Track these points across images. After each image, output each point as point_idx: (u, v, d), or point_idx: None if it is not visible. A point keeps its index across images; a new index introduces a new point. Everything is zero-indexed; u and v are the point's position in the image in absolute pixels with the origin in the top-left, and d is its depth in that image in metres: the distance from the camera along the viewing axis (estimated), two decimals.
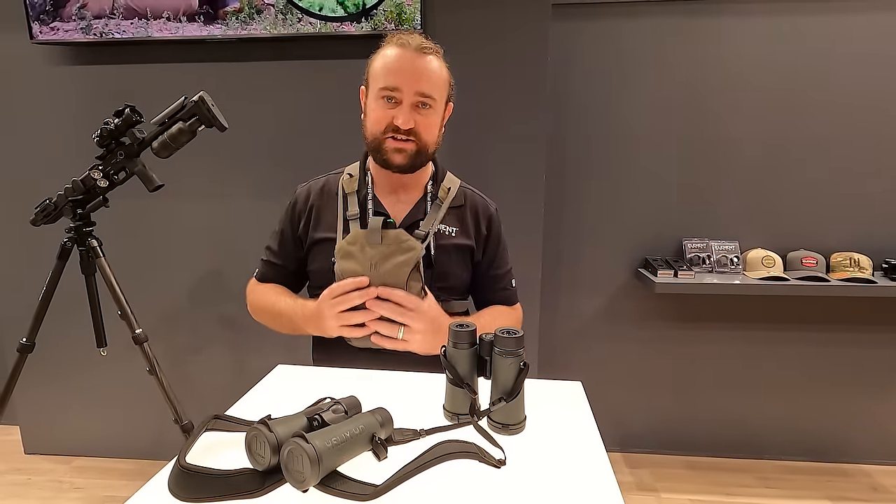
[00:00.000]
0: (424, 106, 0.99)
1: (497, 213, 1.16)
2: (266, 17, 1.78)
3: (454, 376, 0.72)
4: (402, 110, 0.98)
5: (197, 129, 1.35)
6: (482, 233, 1.11)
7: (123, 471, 2.14)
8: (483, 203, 1.15)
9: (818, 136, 1.97)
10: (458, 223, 1.09)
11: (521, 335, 0.70)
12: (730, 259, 2.01)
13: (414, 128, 0.99)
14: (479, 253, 1.11)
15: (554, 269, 2.11)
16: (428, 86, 0.99)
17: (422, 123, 1.00)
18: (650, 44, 1.98)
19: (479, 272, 1.14)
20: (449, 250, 1.07)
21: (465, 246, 1.09)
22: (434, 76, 1.00)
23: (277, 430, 0.60)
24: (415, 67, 0.98)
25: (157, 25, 1.82)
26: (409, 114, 0.98)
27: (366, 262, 0.95)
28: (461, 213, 1.10)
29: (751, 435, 2.16)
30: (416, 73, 0.98)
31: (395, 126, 0.98)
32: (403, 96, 0.98)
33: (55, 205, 1.46)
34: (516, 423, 0.71)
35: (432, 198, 1.09)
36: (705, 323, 2.12)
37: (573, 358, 2.18)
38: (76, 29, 1.83)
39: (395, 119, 0.98)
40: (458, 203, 1.10)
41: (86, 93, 1.95)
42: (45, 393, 2.18)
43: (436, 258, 1.05)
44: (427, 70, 0.99)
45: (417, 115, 0.99)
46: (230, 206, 1.99)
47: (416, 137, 1.00)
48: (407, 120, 0.98)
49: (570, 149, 2.06)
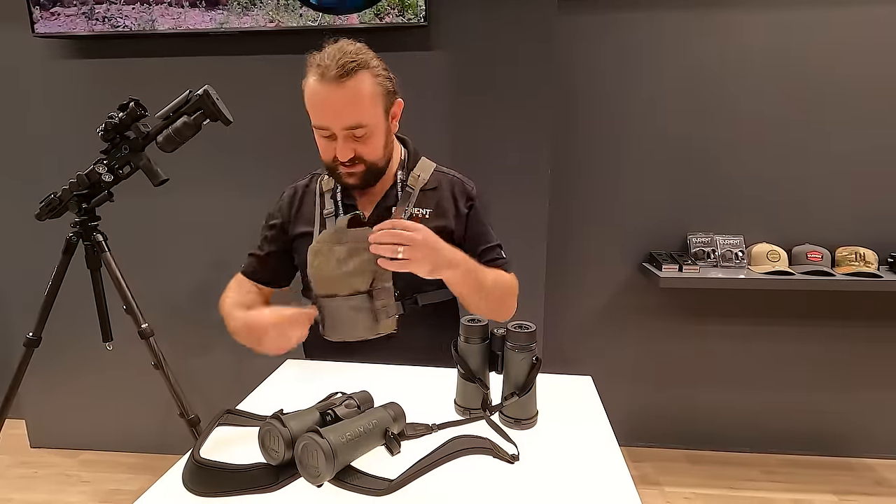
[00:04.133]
0: (360, 134, 0.96)
1: (477, 191, 1.13)
2: (268, 3, 1.77)
3: (466, 371, 0.72)
4: (339, 146, 0.96)
5: (202, 123, 1.34)
6: (462, 211, 1.09)
7: (129, 464, 2.15)
8: (459, 182, 1.12)
9: (823, 130, 1.96)
10: (434, 205, 1.08)
11: (534, 330, 0.70)
12: (734, 253, 2.01)
13: (355, 156, 0.98)
14: (459, 230, 1.09)
15: (558, 264, 2.10)
16: (354, 117, 0.94)
17: (362, 150, 0.98)
18: (654, 37, 1.96)
19: (465, 250, 1.06)
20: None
21: (442, 227, 1.05)
22: (360, 102, 0.94)
23: (291, 424, 0.60)
24: (335, 103, 0.93)
25: (160, 10, 1.80)
26: (345, 147, 0.96)
27: (332, 260, 1.00)
28: (437, 195, 1.09)
29: (754, 429, 2.16)
30: (338, 109, 0.94)
31: (339, 160, 0.98)
32: (335, 132, 0.96)
33: (60, 199, 1.45)
34: (528, 417, 0.71)
35: (402, 186, 1.08)
36: (709, 317, 2.12)
37: (577, 353, 2.18)
38: (78, 14, 1.82)
39: (335, 153, 0.97)
40: (431, 186, 1.09)
41: (90, 86, 1.94)
42: (51, 387, 2.18)
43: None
44: (350, 100, 0.93)
45: (355, 143, 0.97)
46: (234, 200, 1.98)
47: (361, 161, 0.99)
48: (344, 153, 0.96)
49: (575, 143, 2.05)
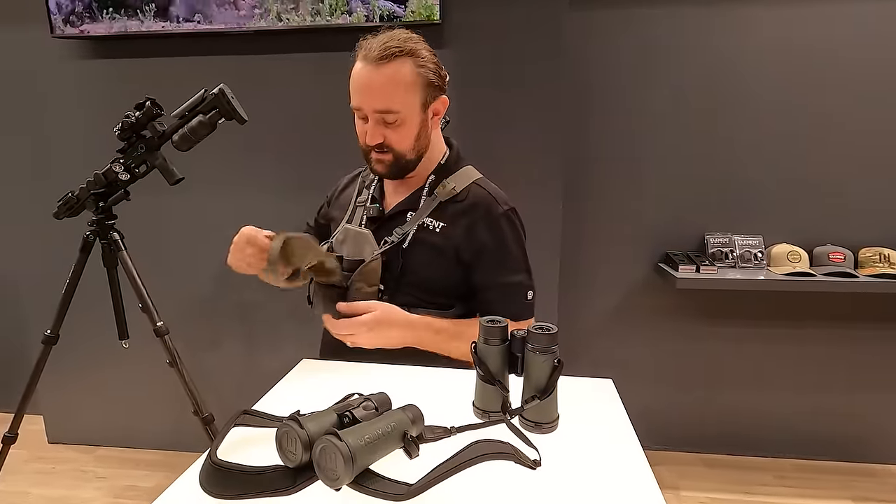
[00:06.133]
0: (391, 120, 0.96)
1: (508, 216, 1.04)
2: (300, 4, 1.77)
3: (485, 373, 0.70)
4: (369, 128, 0.97)
5: (217, 122, 1.34)
6: (478, 234, 1.01)
7: (144, 461, 2.17)
8: (489, 203, 1.03)
9: (847, 127, 1.91)
10: (450, 220, 1.02)
11: (556, 332, 0.68)
12: (754, 254, 1.97)
13: (384, 142, 0.98)
14: (468, 255, 1.01)
15: (572, 264, 2.08)
16: (386, 101, 0.94)
17: (391, 137, 0.98)
18: (672, 33, 1.93)
19: (477, 279, 1.04)
20: (427, 246, 1.01)
21: (449, 246, 1.01)
22: (395, 87, 0.94)
23: (308, 426, 0.59)
24: (371, 84, 0.94)
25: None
26: (374, 130, 0.97)
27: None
28: (461, 210, 1.03)
29: (772, 433, 2.12)
30: (372, 90, 0.95)
31: (367, 142, 0.99)
32: (367, 114, 0.97)
33: (77, 198, 1.47)
34: (549, 421, 0.69)
35: (429, 191, 1.05)
36: (727, 319, 2.08)
37: (590, 354, 2.15)
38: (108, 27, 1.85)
39: (365, 136, 0.99)
40: (461, 198, 1.04)
41: (107, 86, 1.96)
42: (68, 383, 2.21)
43: (408, 251, 1.01)
44: (385, 84, 0.94)
45: (385, 129, 0.97)
46: (249, 199, 1.98)
47: (389, 150, 0.99)
48: (373, 136, 0.97)
49: (589, 141, 2.03)
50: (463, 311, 1.06)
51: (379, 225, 1.06)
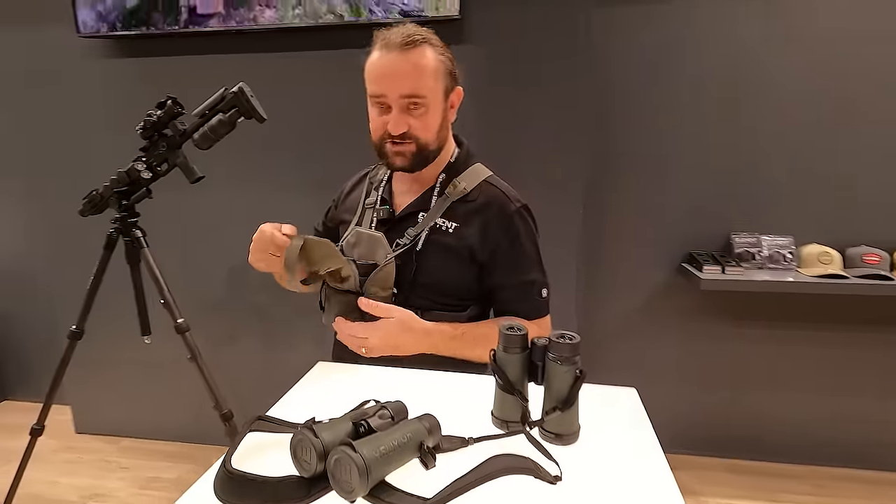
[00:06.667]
0: (416, 107, 0.95)
1: (521, 214, 1.02)
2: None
3: (504, 382, 0.69)
4: (393, 116, 0.95)
5: (236, 121, 1.35)
6: (492, 233, 1.00)
7: (167, 452, 2.21)
8: (502, 201, 1.02)
9: (881, 120, 1.83)
10: (463, 220, 1.00)
11: (579, 341, 0.66)
12: (783, 255, 1.90)
13: (408, 131, 0.96)
14: (483, 255, 1.00)
15: (591, 264, 2.04)
16: (413, 86, 0.93)
17: (415, 125, 0.96)
18: (695, 25, 1.87)
19: (492, 278, 1.02)
20: (440, 247, 0.99)
21: (463, 246, 0.99)
22: (421, 72, 0.93)
23: (323, 435, 0.58)
24: (396, 70, 0.93)
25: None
26: (399, 118, 0.95)
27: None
28: (474, 210, 1.01)
29: (800, 439, 2.06)
30: (398, 76, 0.93)
31: (390, 132, 0.96)
32: (391, 101, 0.95)
33: (101, 196, 1.49)
34: (570, 433, 0.67)
35: (440, 191, 1.02)
36: (752, 321, 2.02)
37: (611, 356, 2.11)
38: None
39: (388, 126, 0.96)
40: (473, 198, 1.02)
41: (132, 85, 1.98)
42: (95, 375, 2.26)
43: (422, 253, 0.99)
44: (411, 69, 0.93)
45: (410, 117, 0.95)
46: (268, 197, 1.99)
47: (412, 139, 0.97)
48: (398, 125, 0.95)
49: (611, 137, 1.98)
50: (477, 312, 1.05)
51: (390, 227, 1.03)
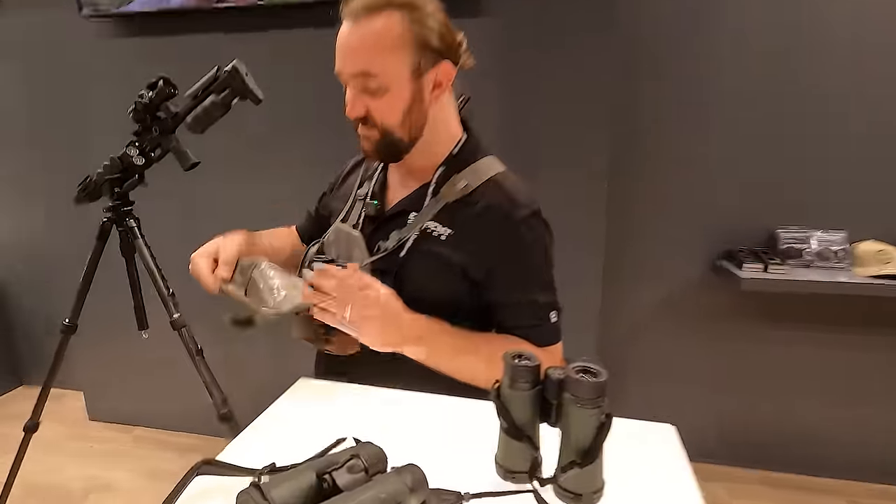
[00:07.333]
0: (374, 87, 0.79)
1: (529, 222, 0.84)
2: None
3: (509, 425, 0.56)
4: (347, 97, 0.81)
5: (231, 102, 1.24)
6: (491, 246, 0.82)
7: (178, 444, 2.18)
8: (507, 206, 0.83)
9: None
10: (460, 226, 0.83)
11: (605, 379, 0.53)
12: (834, 252, 1.72)
13: (365, 114, 0.81)
14: (479, 273, 0.83)
15: (618, 259, 1.87)
16: (362, 61, 0.77)
17: (373, 107, 0.80)
18: (734, 1, 1.67)
19: (490, 295, 0.85)
20: (429, 257, 0.83)
21: (455, 259, 0.82)
22: (373, 45, 0.77)
23: (274, 496, 0.47)
24: (344, 43, 0.79)
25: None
26: (354, 99, 0.81)
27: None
28: (469, 214, 0.83)
29: (844, 453, 1.89)
30: (346, 50, 0.79)
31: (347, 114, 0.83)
32: (344, 80, 0.81)
33: (94, 182, 1.41)
34: (592, 491, 0.55)
35: (436, 189, 0.86)
36: (796, 323, 1.85)
37: (639, 359, 1.97)
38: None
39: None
40: (475, 199, 0.84)
41: (134, 65, 1.89)
42: (108, 363, 2.24)
43: (406, 261, 0.84)
44: (362, 42, 0.77)
45: (367, 98, 0.80)
46: (271, 184, 1.90)
47: (374, 125, 0.82)
48: (353, 107, 0.81)
49: (641, 122, 1.81)
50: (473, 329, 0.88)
51: (378, 225, 0.89)
